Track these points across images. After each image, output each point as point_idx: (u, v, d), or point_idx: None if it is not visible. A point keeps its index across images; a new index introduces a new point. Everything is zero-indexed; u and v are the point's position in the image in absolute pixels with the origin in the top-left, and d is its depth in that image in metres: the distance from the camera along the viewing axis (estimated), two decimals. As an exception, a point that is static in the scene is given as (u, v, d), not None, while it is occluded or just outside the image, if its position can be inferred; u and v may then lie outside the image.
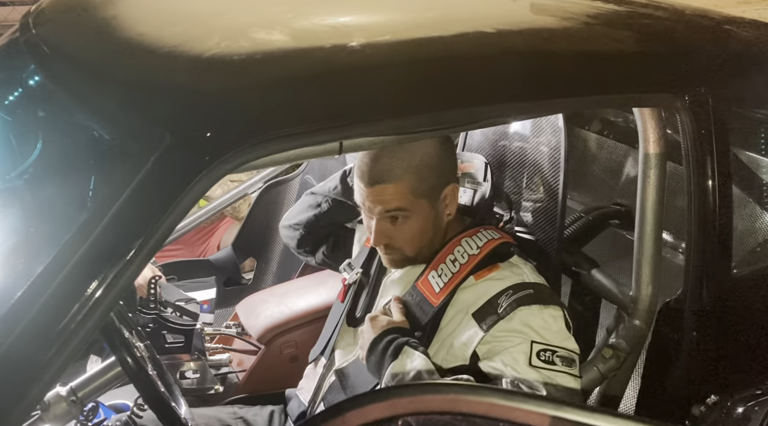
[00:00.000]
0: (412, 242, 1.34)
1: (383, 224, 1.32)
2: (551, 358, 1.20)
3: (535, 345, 1.20)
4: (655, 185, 1.34)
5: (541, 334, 1.22)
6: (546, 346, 1.20)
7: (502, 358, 1.21)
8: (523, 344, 1.21)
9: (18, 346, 0.82)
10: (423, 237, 1.34)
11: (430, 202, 1.32)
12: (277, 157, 0.96)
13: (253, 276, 2.46)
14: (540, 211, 1.52)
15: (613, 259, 1.84)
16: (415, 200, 1.30)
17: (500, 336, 1.24)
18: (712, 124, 1.28)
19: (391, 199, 1.30)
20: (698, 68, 1.32)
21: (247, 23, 1.11)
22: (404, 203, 1.30)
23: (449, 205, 1.36)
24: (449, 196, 1.35)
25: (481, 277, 1.31)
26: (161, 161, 0.88)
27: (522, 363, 1.19)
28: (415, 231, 1.33)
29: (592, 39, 1.26)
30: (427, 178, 1.30)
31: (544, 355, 1.19)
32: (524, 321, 1.23)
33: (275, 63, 1.00)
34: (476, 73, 1.10)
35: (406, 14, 1.19)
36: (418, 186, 1.29)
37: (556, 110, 1.35)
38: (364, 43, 1.03)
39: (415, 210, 1.31)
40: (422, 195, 1.31)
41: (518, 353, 1.20)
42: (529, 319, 1.23)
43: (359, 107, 1.01)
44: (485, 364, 1.23)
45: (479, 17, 1.19)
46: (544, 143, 1.49)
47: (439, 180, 1.33)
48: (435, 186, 1.32)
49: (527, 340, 1.21)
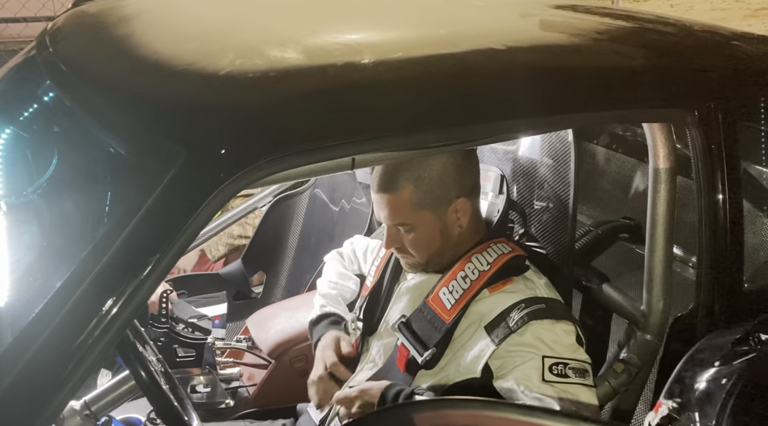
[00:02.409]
0: (419, 251, 1.36)
1: (392, 230, 1.36)
2: (564, 371, 1.20)
3: (547, 359, 1.20)
4: (665, 200, 1.34)
5: (553, 348, 1.22)
6: (558, 360, 1.20)
7: (515, 377, 1.21)
8: (535, 360, 1.21)
9: (37, 361, 0.83)
10: (431, 246, 1.35)
11: (436, 214, 1.33)
12: (290, 172, 0.98)
13: (262, 290, 2.46)
14: (550, 225, 1.52)
15: (623, 273, 1.83)
16: (415, 212, 1.32)
17: (512, 350, 1.23)
18: (722, 139, 1.28)
19: (391, 209, 1.32)
20: (707, 83, 1.33)
21: (261, 41, 1.12)
22: (404, 217, 1.32)
23: (461, 218, 1.36)
24: (460, 210, 1.36)
25: (495, 290, 1.31)
26: (177, 178, 0.89)
27: (535, 379, 1.19)
28: (420, 241, 1.34)
29: (601, 55, 1.27)
30: (429, 191, 1.31)
31: (557, 368, 1.19)
32: (536, 335, 1.23)
33: (289, 80, 1.01)
34: (486, 89, 1.11)
35: (418, 31, 1.21)
36: (418, 198, 1.31)
37: (566, 126, 1.35)
38: (375, 60, 1.05)
39: (418, 222, 1.33)
40: (424, 207, 1.32)
41: (530, 369, 1.20)
42: (541, 333, 1.23)
43: (371, 123, 1.02)
44: (499, 385, 1.23)
45: (489, 34, 1.21)
46: (553, 157, 1.50)
47: (446, 193, 1.33)
48: (440, 198, 1.33)
49: (538, 356, 1.21)
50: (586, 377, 1.22)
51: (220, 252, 2.82)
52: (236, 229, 2.78)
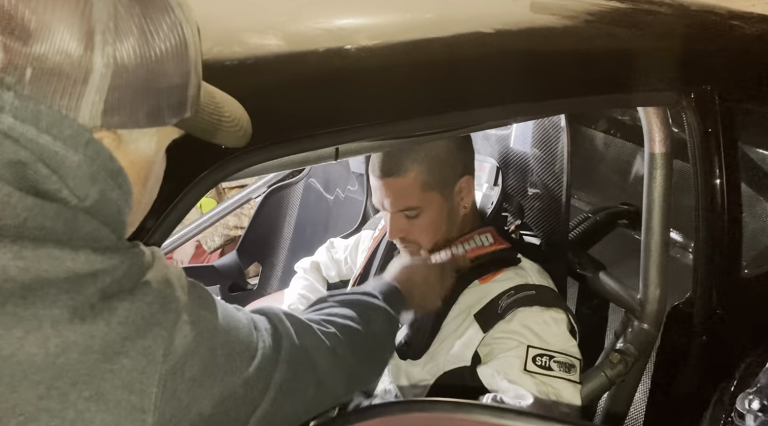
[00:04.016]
0: (427, 235, 1.32)
1: (397, 218, 1.31)
2: (548, 364, 1.17)
3: (532, 349, 1.17)
4: (661, 186, 1.31)
5: (540, 337, 1.19)
6: (542, 351, 1.17)
7: (496, 364, 1.19)
8: (519, 348, 1.18)
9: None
10: (438, 230, 1.32)
11: (443, 195, 1.30)
12: (270, 164, 0.95)
13: (258, 281, 2.44)
14: (544, 213, 1.49)
15: (622, 260, 1.81)
16: (425, 194, 1.28)
17: (498, 337, 1.21)
18: (719, 123, 1.25)
19: (400, 194, 1.27)
20: (704, 65, 1.29)
21: (240, 28, 1.09)
22: (414, 200, 1.28)
23: (465, 198, 1.33)
24: (464, 189, 1.33)
25: (486, 281, 1.28)
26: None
27: (516, 369, 1.16)
28: (429, 225, 1.31)
29: (593, 37, 1.23)
30: (437, 170, 1.28)
31: (540, 360, 1.16)
32: (523, 322, 1.20)
33: (268, 68, 0.98)
34: (475, 75, 1.08)
35: (403, 15, 1.17)
36: (428, 178, 1.27)
37: (558, 111, 1.32)
38: (358, 46, 1.01)
39: (427, 204, 1.29)
40: (433, 188, 1.28)
41: (513, 358, 1.17)
42: (528, 320, 1.20)
43: (355, 112, 0.99)
44: (481, 371, 1.21)
45: (478, 17, 1.17)
46: (546, 143, 1.47)
47: (452, 172, 1.30)
48: (447, 178, 1.30)
49: (523, 345, 1.18)
50: (572, 372, 1.19)
51: (216, 243, 2.80)
52: (232, 220, 2.75)
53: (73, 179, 0.62)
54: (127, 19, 0.61)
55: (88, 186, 0.63)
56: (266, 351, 0.77)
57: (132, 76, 0.62)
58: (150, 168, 0.71)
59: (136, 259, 0.66)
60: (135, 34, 0.61)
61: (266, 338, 0.79)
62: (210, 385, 0.68)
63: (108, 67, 0.60)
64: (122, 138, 0.65)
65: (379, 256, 1.51)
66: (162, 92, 0.64)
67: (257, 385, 0.75)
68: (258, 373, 0.75)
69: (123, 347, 0.61)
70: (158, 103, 0.65)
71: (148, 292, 0.64)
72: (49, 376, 0.57)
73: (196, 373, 0.67)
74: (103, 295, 0.61)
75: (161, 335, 0.64)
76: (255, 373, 0.74)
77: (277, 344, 0.80)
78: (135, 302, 0.63)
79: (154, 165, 0.71)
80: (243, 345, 0.74)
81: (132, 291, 0.63)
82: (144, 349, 0.62)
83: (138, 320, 0.62)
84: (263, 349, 0.77)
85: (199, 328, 0.68)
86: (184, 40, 0.65)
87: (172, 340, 0.64)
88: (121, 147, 0.66)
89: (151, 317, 0.63)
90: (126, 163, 0.66)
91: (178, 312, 0.66)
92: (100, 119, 0.62)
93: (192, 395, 0.66)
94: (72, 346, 0.58)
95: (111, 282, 0.62)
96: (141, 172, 0.69)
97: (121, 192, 0.66)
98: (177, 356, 0.65)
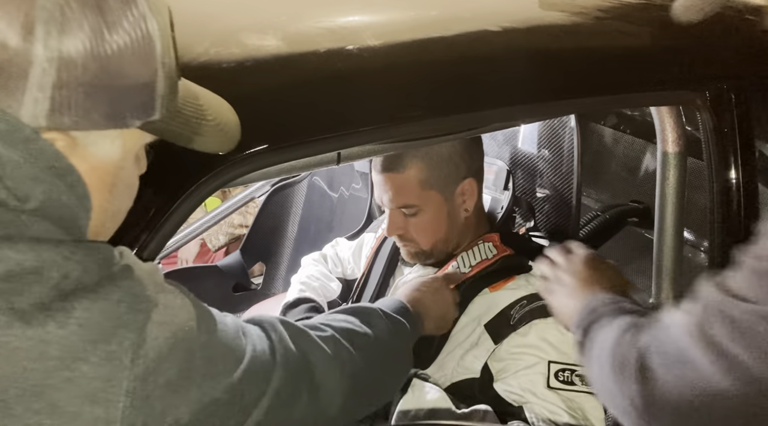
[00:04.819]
0: (425, 235, 1.29)
1: (395, 215, 1.28)
2: (570, 378, 1.14)
3: (553, 365, 1.14)
4: (674, 186, 1.27)
5: (559, 350, 1.16)
6: (564, 366, 1.14)
7: (520, 383, 1.15)
8: (540, 365, 1.15)
9: None
10: (437, 231, 1.29)
11: (443, 195, 1.27)
12: (270, 170, 0.92)
13: (262, 281, 2.42)
14: (554, 215, 1.46)
15: (633, 259, 1.77)
16: (424, 192, 1.25)
17: (516, 352, 1.18)
18: (735, 122, 1.21)
19: (399, 190, 1.25)
20: (719, 63, 1.25)
21: (239, 27, 1.05)
22: (412, 198, 1.25)
23: (467, 200, 1.30)
24: (467, 192, 1.29)
25: (496, 289, 1.25)
26: (146, 177, 0.83)
27: (540, 385, 1.13)
28: (427, 225, 1.28)
29: (604, 35, 1.19)
30: (438, 169, 1.25)
31: (563, 375, 1.14)
32: (541, 336, 1.17)
33: (267, 70, 0.94)
34: (482, 75, 1.05)
35: (406, 14, 1.13)
36: (427, 176, 1.24)
37: (567, 111, 1.28)
38: (360, 46, 0.97)
39: (426, 203, 1.26)
40: (433, 186, 1.26)
41: (535, 375, 1.14)
42: (546, 333, 1.17)
43: (357, 115, 0.95)
44: (501, 388, 1.17)
45: (484, 15, 1.13)
46: (556, 143, 1.43)
47: (455, 172, 1.27)
48: (448, 178, 1.27)
49: (544, 361, 1.15)
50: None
51: (221, 242, 2.77)
52: (237, 218, 2.73)
53: (12, 179, 0.56)
54: (78, 11, 0.55)
55: (29, 186, 0.57)
56: (258, 357, 0.73)
57: (83, 73, 0.56)
58: (116, 173, 0.65)
59: (99, 254, 0.60)
60: (87, 28, 0.56)
61: (258, 344, 0.74)
62: (186, 390, 0.63)
63: (51, 61, 0.55)
64: (77, 140, 0.60)
65: (382, 256, 1.47)
66: (122, 91, 0.59)
67: (247, 392, 0.70)
68: (247, 379, 0.70)
69: (83, 352, 0.55)
70: (118, 103, 0.59)
71: (114, 290, 0.59)
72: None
73: (172, 378, 0.61)
74: (60, 293, 0.55)
75: (128, 338, 0.58)
76: (243, 378, 0.69)
77: (271, 350, 0.75)
78: (97, 301, 0.57)
79: (122, 170, 0.65)
80: (227, 348, 0.69)
81: (94, 289, 0.57)
82: (108, 354, 0.57)
83: (102, 321, 0.57)
84: (253, 354, 0.72)
85: (173, 329, 0.62)
86: (149, 36, 0.59)
87: (141, 343, 0.59)
88: (77, 150, 0.60)
89: (117, 318, 0.58)
90: (85, 167, 0.61)
91: (148, 312, 0.60)
92: (46, 119, 0.56)
93: (167, 402, 0.61)
94: (15, 353, 0.53)
95: (65, 278, 0.56)
96: (105, 178, 0.64)
97: (73, 195, 0.60)
98: (148, 360, 0.59)
